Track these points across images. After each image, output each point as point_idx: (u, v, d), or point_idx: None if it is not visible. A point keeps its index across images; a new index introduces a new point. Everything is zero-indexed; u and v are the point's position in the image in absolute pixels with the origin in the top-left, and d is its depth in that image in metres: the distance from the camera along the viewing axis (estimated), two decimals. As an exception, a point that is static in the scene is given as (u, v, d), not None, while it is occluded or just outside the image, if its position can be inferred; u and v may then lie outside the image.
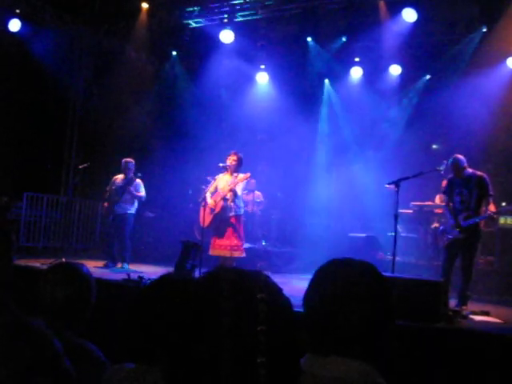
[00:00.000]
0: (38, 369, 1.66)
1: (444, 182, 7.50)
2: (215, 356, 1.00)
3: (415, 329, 4.88)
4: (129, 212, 9.37)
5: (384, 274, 1.63)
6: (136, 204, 9.51)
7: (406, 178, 7.12)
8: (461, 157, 7.09)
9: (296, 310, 1.14)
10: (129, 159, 9.52)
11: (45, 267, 2.70)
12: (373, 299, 1.51)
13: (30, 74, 11.80)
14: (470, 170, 7.08)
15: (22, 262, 7.90)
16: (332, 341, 1.48)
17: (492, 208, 7.19)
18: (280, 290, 1.15)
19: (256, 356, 1.00)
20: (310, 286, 1.58)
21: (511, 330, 5.31)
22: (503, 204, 9.31)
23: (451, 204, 7.25)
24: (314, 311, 1.51)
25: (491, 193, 6.97)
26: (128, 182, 9.35)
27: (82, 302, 2.49)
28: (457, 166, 7.05)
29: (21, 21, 11.30)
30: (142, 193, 9.39)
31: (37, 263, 7.77)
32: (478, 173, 7.08)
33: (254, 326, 1.02)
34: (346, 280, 1.52)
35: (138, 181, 9.41)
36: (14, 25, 11.21)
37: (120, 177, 9.52)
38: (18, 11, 11.34)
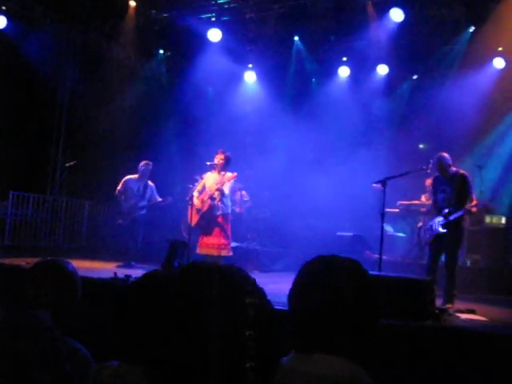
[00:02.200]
0: (40, 364, 1.65)
1: (428, 181, 7.51)
2: (202, 357, 0.99)
3: (402, 327, 4.89)
4: (143, 213, 9.71)
5: (371, 272, 1.63)
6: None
7: (393, 177, 7.15)
8: (446, 155, 7.09)
9: (281, 308, 1.14)
10: (148, 162, 9.65)
11: (30, 266, 2.68)
12: (358, 297, 1.51)
13: (17, 72, 11.67)
14: (453, 169, 7.10)
15: (7, 261, 7.82)
16: (317, 339, 1.47)
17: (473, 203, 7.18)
18: (265, 294, 1.15)
19: (243, 357, 1.00)
20: (294, 283, 1.57)
21: (496, 328, 5.34)
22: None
23: (435, 203, 7.28)
24: (299, 309, 1.51)
25: (471, 190, 6.98)
26: (145, 187, 9.59)
27: (68, 299, 2.47)
28: (442, 165, 7.05)
29: (8, 18, 11.14)
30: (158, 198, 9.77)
31: (22, 262, 7.68)
32: (461, 171, 7.11)
33: (242, 328, 1.01)
34: (331, 278, 1.52)
35: (151, 184, 9.69)
36: (1, 22, 11.07)
37: (133, 178, 9.60)
38: (4, 8, 11.22)
